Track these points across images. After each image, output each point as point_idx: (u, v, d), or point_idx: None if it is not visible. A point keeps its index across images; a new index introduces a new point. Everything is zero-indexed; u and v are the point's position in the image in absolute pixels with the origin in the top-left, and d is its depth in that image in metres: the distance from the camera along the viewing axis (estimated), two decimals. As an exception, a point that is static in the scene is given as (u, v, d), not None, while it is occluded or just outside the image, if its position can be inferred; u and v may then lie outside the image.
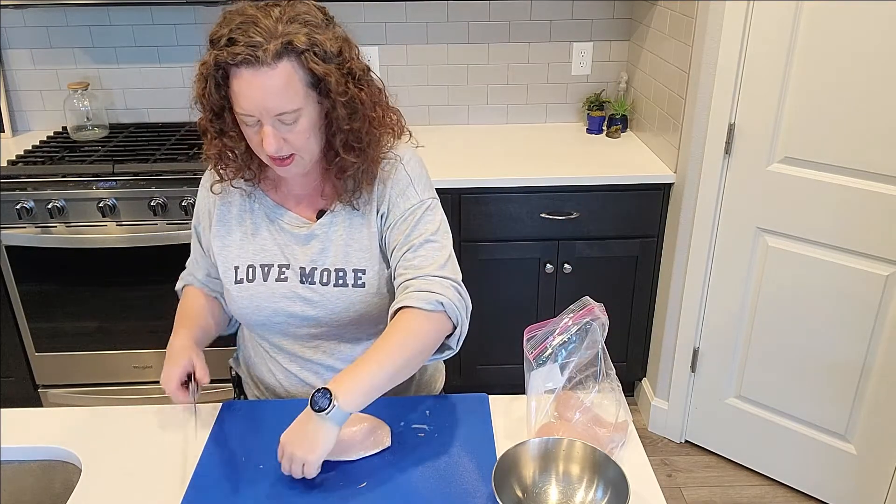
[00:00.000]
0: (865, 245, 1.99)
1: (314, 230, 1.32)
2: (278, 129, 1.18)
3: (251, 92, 1.14)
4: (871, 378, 2.07)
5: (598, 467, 1.13)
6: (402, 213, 1.30)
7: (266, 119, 1.16)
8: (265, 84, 1.13)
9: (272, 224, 1.34)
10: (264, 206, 1.35)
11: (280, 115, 1.16)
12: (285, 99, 1.15)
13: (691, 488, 2.37)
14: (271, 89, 1.13)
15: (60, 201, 2.30)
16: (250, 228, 1.35)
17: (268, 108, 1.15)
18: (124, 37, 2.73)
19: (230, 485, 1.15)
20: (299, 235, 1.33)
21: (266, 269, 1.33)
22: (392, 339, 1.18)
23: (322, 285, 1.32)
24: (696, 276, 2.34)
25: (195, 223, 1.43)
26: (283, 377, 1.41)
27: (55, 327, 2.49)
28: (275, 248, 1.34)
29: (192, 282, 1.45)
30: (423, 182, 1.34)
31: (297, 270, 1.32)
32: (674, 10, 2.35)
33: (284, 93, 1.14)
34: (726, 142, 2.15)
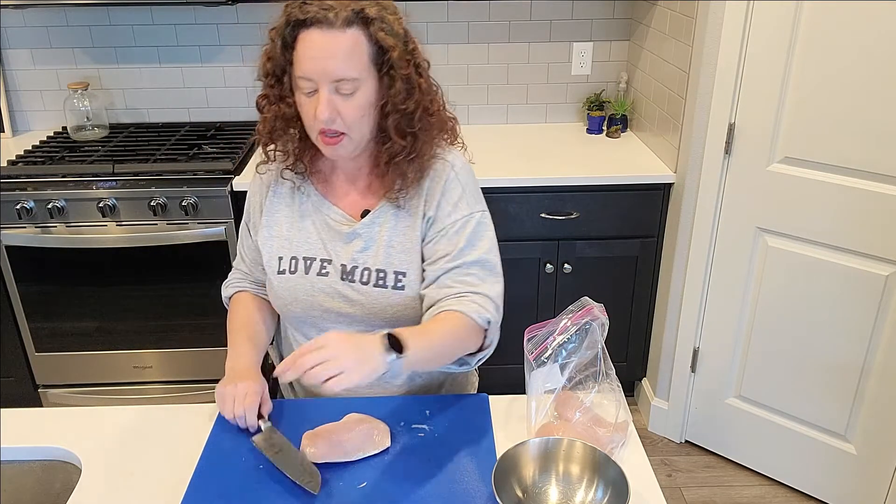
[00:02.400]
0: (865, 245, 1.99)
1: (357, 228, 1.33)
2: (334, 99, 1.18)
3: (315, 53, 1.16)
4: (871, 378, 2.07)
5: (598, 467, 1.13)
6: (452, 223, 1.31)
7: (324, 85, 1.18)
8: (331, 46, 1.15)
9: (318, 218, 1.35)
10: (312, 200, 1.36)
11: (339, 82, 1.17)
12: (348, 64, 1.16)
13: (691, 488, 2.37)
14: (336, 52, 1.16)
15: (60, 201, 2.30)
16: (297, 221, 1.36)
17: (328, 72, 1.16)
18: (124, 37, 2.73)
19: (230, 485, 1.15)
20: (343, 232, 1.33)
21: (308, 262, 1.34)
22: (445, 328, 1.21)
23: (362, 284, 1.33)
24: (696, 276, 2.34)
25: (245, 220, 1.44)
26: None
27: (55, 327, 2.49)
28: (318, 243, 1.35)
29: (243, 285, 1.45)
30: (474, 193, 1.35)
31: (339, 267, 1.33)
32: (674, 10, 2.35)
33: (348, 58, 1.16)
34: (726, 142, 2.15)
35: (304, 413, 1.30)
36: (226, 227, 2.34)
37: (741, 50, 2.05)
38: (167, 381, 2.59)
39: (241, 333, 1.38)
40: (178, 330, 2.50)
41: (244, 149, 2.53)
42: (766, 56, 2.01)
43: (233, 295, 1.47)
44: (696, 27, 2.17)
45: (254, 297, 1.46)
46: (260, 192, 1.41)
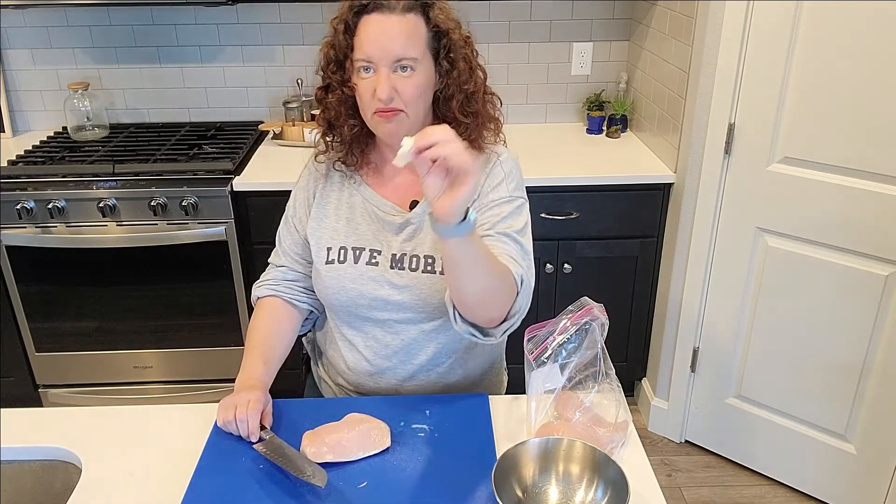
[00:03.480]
0: (865, 245, 1.99)
1: (409, 218, 1.35)
2: (393, 78, 1.23)
3: (376, 35, 1.23)
4: (871, 378, 2.07)
5: (598, 467, 1.13)
6: (489, 203, 1.33)
7: (384, 64, 1.23)
8: (391, 27, 1.22)
9: (368, 210, 1.38)
10: (362, 193, 1.39)
11: (399, 61, 1.23)
12: (409, 44, 1.23)
13: (691, 488, 2.37)
14: (396, 33, 1.22)
15: (60, 201, 2.30)
16: (346, 212, 1.39)
17: (389, 51, 1.22)
18: (124, 37, 2.73)
19: (230, 485, 1.15)
20: (394, 224, 1.36)
21: (358, 252, 1.37)
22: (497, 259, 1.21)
23: (411, 271, 1.34)
24: (696, 276, 2.34)
25: (290, 216, 1.46)
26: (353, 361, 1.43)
27: (55, 327, 2.49)
28: (368, 233, 1.37)
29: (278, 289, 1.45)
30: (517, 181, 1.39)
31: (388, 257, 1.35)
32: (674, 10, 2.35)
33: (409, 38, 1.23)
34: (726, 142, 2.15)
35: (305, 413, 1.30)
36: (226, 227, 2.34)
37: (741, 50, 2.05)
38: (167, 381, 2.59)
39: (257, 351, 1.38)
40: (178, 330, 2.50)
41: (244, 149, 2.53)
42: (766, 56, 2.01)
43: (262, 298, 1.46)
44: (696, 27, 2.17)
45: (283, 304, 1.45)
46: (308, 186, 1.44)
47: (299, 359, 1.63)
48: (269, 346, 1.40)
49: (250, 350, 1.38)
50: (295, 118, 2.68)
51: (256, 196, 2.35)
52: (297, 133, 2.63)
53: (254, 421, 1.23)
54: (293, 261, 1.46)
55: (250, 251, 2.40)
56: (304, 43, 2.75)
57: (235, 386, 1.32)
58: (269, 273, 1.49)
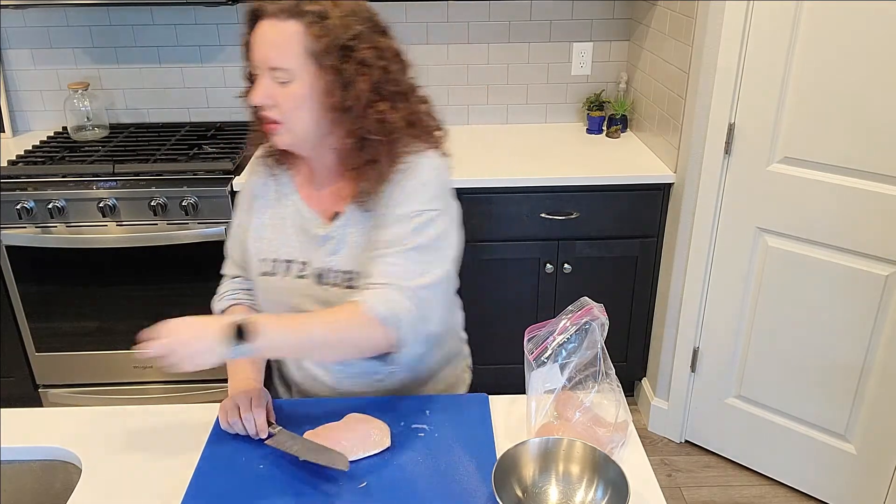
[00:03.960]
0: (865, 245, 1.99)
1: (330, 232, 1.32)
2: (271, 86, 1.21)
3: (256, 41, 1.21)
4: (871, 378, 2.07)
5: (598, 467, 1.13)
6: (395, 218, 1.25)
7: (263, 72, 1.21)
8: (268, 34, 1.19)
9: (297, 222, 1.35)
10: (294, 202, 1.36)
11: (274, 70, 1.19)
12: (280, 53, 1.18)
13: (691, 488, 2.37)
14: (271, 41, 1.19)
15: (60, 201, 2.30)
16: (279, 223, 1.37)
17: (264, 59, 1.20)
18: (124, 37, 2.73)
19: (230, 485, 1.15)
20: (317, 236, 1.33)
21: (288, 265, 1.34)
22: (324, 319, 1.19)
23: (333, 286, 1.32)
24: (696, 276, 2.34)
25: (235, 224, 1.43)
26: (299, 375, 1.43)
27: (55, 327, 2.49)
28: (298, 245, 1.34)
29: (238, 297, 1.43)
30: (435, 191, 1.27)
31: (315, 270, 1.33)
32: (674, 11, 2.35)
33: (281, 48, 1.18)
34: (726, 142, 2.15)
35: (305, 413, 1.30)
36: (226, 227, 2.34)
37: (741, 50, 2.05)
38: (167, 381, 2.59)
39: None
40: (178, 330, 2.50)
41: (244, 149, 2.53)
42: (766, 56, 2.01)
43: (226, 309, 1.44)
44: (696, 27, 2.17)
45: (249, 310, 1.43)
46: (249, 195, 1.41)
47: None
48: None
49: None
50: (295, 118, 2.67)
51: (256, 196, 2.34)
52: (297, 133, 2.62)
53: (260, 418, 1.23)
54: (245, 270, 1.44)
55: (250, 251, 2.40)
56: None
57: (229, 390, 1.32)
58: (225, 285, 1.46)
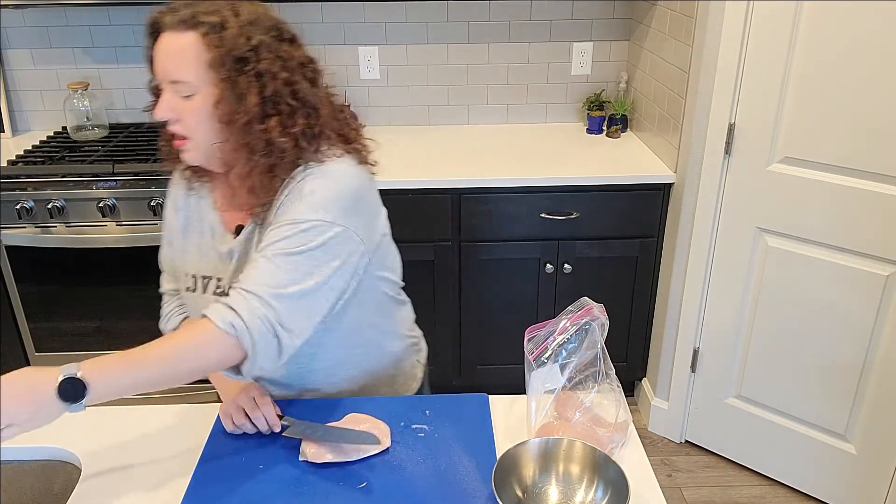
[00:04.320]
0: (865, 245, 1.99)
1: (233, 247, 1.27)
2: (175, 100, 1.17)
3: (157, 55, 1.17)
4: (871, 378, 2.07)
5: (598, 467, 1.13)
6: (279, 223, 1.17)
7: (166, 86, 1.17)
8: (166, 46, 1.15)
9: (210, 238, 1.31)
10: (208, 220, 1.32)
11: (175, 83, 1.16)
12: (179, 66, 1.14)
13: (691, 488, 2.37)
14: (169, 53, 1.15)
15: (60, 201, 2.30)
16: (197, 238, 1.32)
17: (164, 71, 1.16)
18: (124, 37, 2.73)
19: (230, 485, 1.15)
20: (222, 252, 1.29)
21: (206, 281, 1.31)
22: (167, 347, 1.10)
23: None
24: (696, 276, 2.34)
25: (169, 240, 1.39)
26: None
27: (55, 327, 2.49)
28: (213, 261, 1.30)
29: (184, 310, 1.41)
30: (320, 201, 1.17)
31: (226, 286, 1.28)
32: (674, 10, 2.35)
33: (180, 60, 1.14)
34: (726, 142, 2.15)
35: (305, 413, 1.30)
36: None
37: (741, 50, 2.05)
38: (167, 381, 2.59)
39: None
40: (178, 330, 2.50)
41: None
42: (766, 56, 2.01)
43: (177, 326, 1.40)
44: (696, 27, 2.17)
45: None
46: (174, 207, 1.37)
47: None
48: None
49: None
50: (295, 118, 2.67)
51: (256, 196, 2.34)
52: (297, 133, 2.62)
53: (270, 414, 1.22)
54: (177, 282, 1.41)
55: (250, 251, 2.40)
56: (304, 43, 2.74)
57: (222, 394, 1.31)
58: (169, 304, 1.43)
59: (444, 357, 2.59)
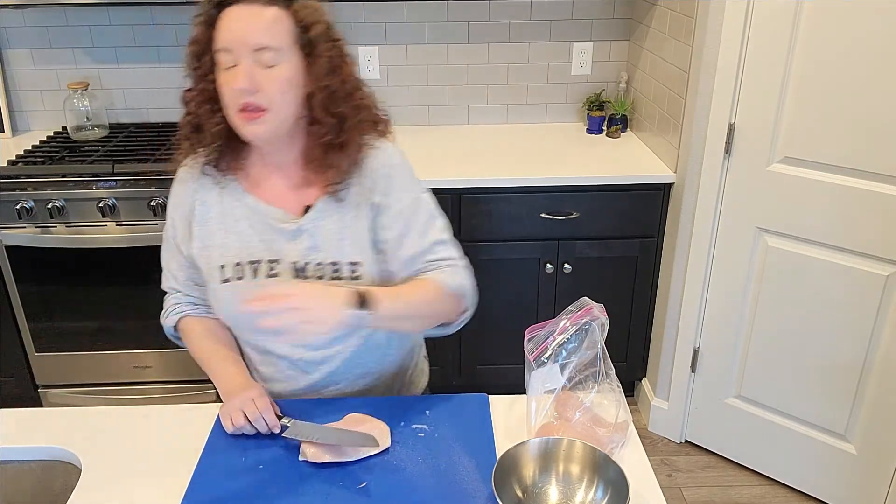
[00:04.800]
0: (865, 245, 1.99)
1: (302, 225, 1.29)
2: (255, 70, 1.17)
3: (235, 23, 1.17)
4: (871, 378, 2.07)
5: (598, 467, 1.13)
6: (406, 206, 1.31)
7: (244, 55, 1.17)
8: (251, 16, 1.17)
9: (256, 221, 1.31)
10: (245, 205, 1.32)
11: (260, 51, 1.16)
12: (269, 34, 1.17)
13: (691, 488, 2.37)
14: (257, 22, 1.16)
15: (60, 201, 2.30)
16: (232, 227, 1.32)
17: (249, 40, 1.16)
18: (124, 37, 2.73)
19: (230, 485, 1.15)
20: (287, 231, 1.30)
21: (255, 266, 1.31)
22: (419, 291, 1.27)
23: (318, 279, 1.30)
24: (696, 276, 2.34)
25: (171, 237, 1.38)
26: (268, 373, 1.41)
27: (55, 327, 2.49)
28: (260, 245, 1.31)
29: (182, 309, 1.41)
30: (412, 174, 1.35)
31: (289, 265, 1.30)
32: (674, 10, 2.35)
33: (270, 28, 1.17)
34: (726, 142, 2.15)
35: (305, 413, 1.30)
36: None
37: (741, 50, 2.05)
38: (167, 381, 2.59)
39: (220, 358, 1.35)
40: (178, 330, 2.50)
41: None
42: (766, 56, 2.01)
43: (176, 323, 1.42)
44: (696, 27, 2.17)
45: (201, 320, 1.40)
46: (183, 203, 1.35)
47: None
48: (225, 348, 1.38)
49: (211, 361, 1.36)
50: (295, 118, 2.67)
51: (256, 196, 2.34)
52: (297, 133, 2.62)
53: (270, 416, 1.22)
54: (185, 284, 1.40)
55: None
56: None
57: (223, 395, 1.30)
58: (169, 300, 1.44)
59: (444, 357, 2.59)
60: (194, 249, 1.34)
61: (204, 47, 1.22)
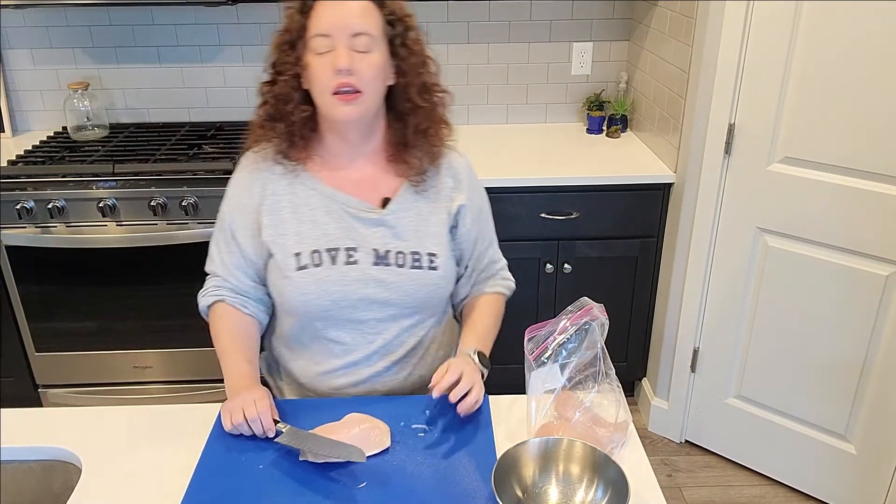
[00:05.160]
0: (865, 245, 1.99)
1: (384, 216, 1.35)
2: (351, 54, 1.24)
3: (334, 10, 1.24)
4: (871, 378, 2.07)
5: (598, 467, 1.13)
6: (480, 209, 1.46)
7: (342, 39, 1.24)
8: (349, 3, 1.25)
9: (332, 208, 1.35)
10: (320, 192, 1.36)
11: (357, 36, 1.24)
12: (366, 21, 1.25)
13: (691, 488, 2.37)
14: (354, 8, 1.25)
15: (60, 201, 2.30)
16: (307, 214, 1.35)
17: (347, 24, 1.23)
18: (124, 37, 2.73)
19: (230, 485, 1.15)
20: (367, 219, 1.35)
21: (333, 253, 1.34)
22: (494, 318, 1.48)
23: (398, 267, 1.34)
24: (696, 276, 2.34)
25: (227, 224, 1.39)
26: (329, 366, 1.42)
27: (55, 327, 2.49)
28: (339, 232, 1.34)
29: (221, 293, 1.41)
30: (475, 177, 1.48)
31: (370, 252, 1.34)
32: (674, 10, 2.35)
33: (365, 16, 1.25)
34: (726, 142, 2.15)
35: (305, 413, 1.30)
36: (226, 227, 2.33)
37: (741, 50, 2.05)
38: (167, 381, 2.59)
39: (235, 353, 1.36)
40: (178, 330, 2.50)
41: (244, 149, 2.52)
42: (766, 56, 2.01)
43: (211, 304, 1.43)
44: (696, 27, 2.17)
45: (233, 309, 1.41)
46: (250, 192, 1.37)
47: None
48: (244, 345, 1.38)
49: (227, 354, 1.36)
50: (295, 118, 2.67)
51: (256, 196, 2.34)
52: (297, 133, 2.62)
53: (266, 418, 1.22)
54: (229, 271, 1.41)
55: (250, 251, 2.40)
56: None
57: (228, 391, 1.31)
58: (210, 281, 1.45)
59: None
60: (266, 238, 1.35)
61: (296, 35, 1.28)
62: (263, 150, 1.38)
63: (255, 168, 1.39)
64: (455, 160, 1.42)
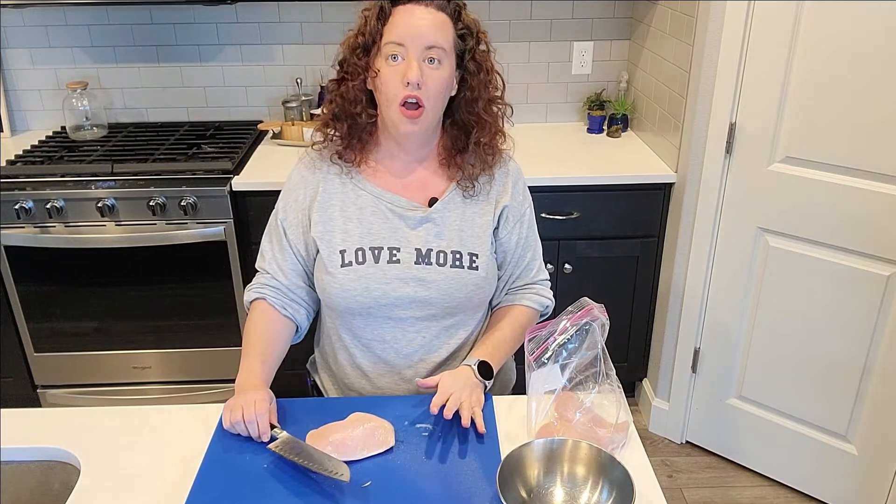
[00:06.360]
0: (866, 245, 1.99)
1: (429, 214, 1.36)
2: (422, 68, 1.25)
3: (411, 20, 1.26)
4: (871, 378, 2.07)
5: (603, 468, 1.12)
6: (523, 213, 1.45)
7: (415, 50, 1.25)
8: (426, 16, 1.26)
9: (379, 207, 1.37)
10: (369, 191, 1.38)
11: (430, 49, 1.25)
12: (441, 34, 1.27)
13: (692, 489, 2.37)
14: (430, 21, 1.26)
15: (59, 201, 2.29)
16: (354, 213, 1.37)
17: (422, 36, 1.25)
18: (124, 36, 2.73)
19: (234, 485, 1.14)
20: (412, 218, 1.36)
21: (376, 252, 1.36)
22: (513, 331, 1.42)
23: (438, 266, 1.35)
24: (697, 276, 2.33)
25: (279, 221, 1.42)
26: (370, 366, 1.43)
27: (54, 327, 2.48)
28: (384, 231, 1.36)
29: (263, 291, 1.42)
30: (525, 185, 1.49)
31: (412, 252, 1.35)
32: (674, 10, 2.35)
33: (441, 30, 1.27)
34: (727, 141, 2.15)
35: (308, 413, 1.30)
36: (225, 227, 2.33)
37: (742, 49, 2.04)
38: (166, 382, 2.59)
39: (254, 351, 1.36)
40: (177, 330, 2.49)
41: (243, 148, 2.52)
42: (766, 56, 2.01)
43: (253, 300, 1.44)
44: (697, 27, 2.17)
45: (271, 308, 1.42)
46: (304, 189, 1.41)
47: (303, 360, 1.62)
48: (266, 345, 1.38)
49: (247, 351, 1.37)
50: (294, 118, 2.67)
51: (256, 196, 2.34)
52: (297, 132, 2.62)
53: (263, 421, 1.22)
54: (276, 268, 1.42)
55: (249, 251, 2.40)
56: (304, 42, 2.74)
57: (236, 387, 1.31)
58: (258, 278, 1.46)
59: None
60: (314, 234, 1.38)
61: (370, 39, 1.29)
62: (324, 148, 1.40)
63: (312, 166, 1.42)
64: (507, 164, 1.45)
